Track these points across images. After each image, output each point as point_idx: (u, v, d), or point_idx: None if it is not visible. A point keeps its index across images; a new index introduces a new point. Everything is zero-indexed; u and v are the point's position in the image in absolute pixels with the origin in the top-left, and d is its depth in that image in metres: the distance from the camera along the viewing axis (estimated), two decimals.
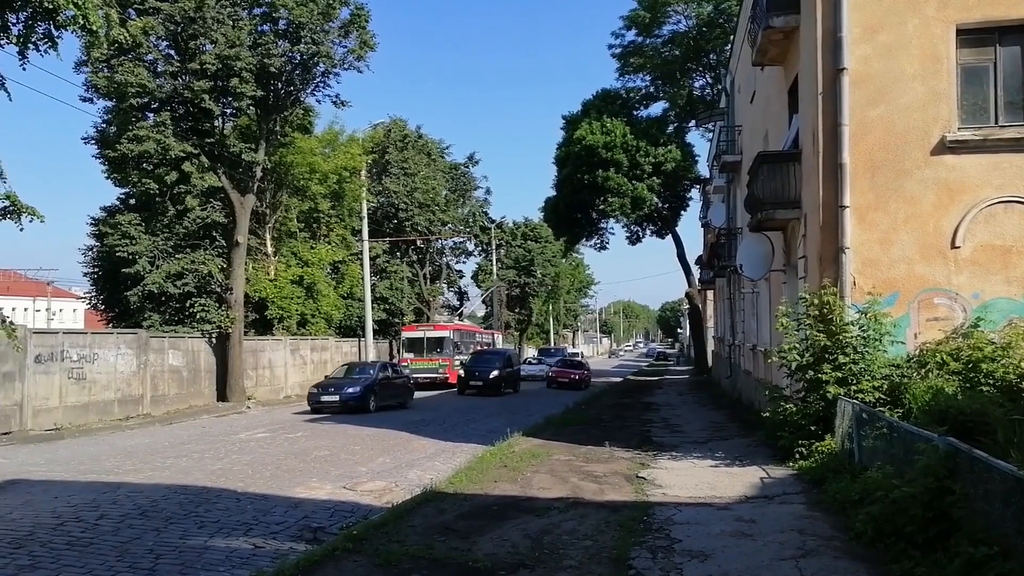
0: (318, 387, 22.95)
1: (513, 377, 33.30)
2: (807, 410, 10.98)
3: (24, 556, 7.23)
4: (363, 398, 22.23)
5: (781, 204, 13.31)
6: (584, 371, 36.75)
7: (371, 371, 24.11)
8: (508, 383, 32.13)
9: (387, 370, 25.14)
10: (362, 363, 26.40)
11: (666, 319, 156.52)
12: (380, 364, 25.23)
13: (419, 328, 37.71)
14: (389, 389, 24.08)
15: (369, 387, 22.78)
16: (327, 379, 24.13)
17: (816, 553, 6.77)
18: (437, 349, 35.74)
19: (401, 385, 25.32)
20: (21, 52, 15.82)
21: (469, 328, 45.43)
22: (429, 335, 36.30)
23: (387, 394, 23.73)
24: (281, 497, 10.20)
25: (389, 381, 24.43)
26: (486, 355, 34.09)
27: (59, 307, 72.13)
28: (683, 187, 41.88)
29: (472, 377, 30.69)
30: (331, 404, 21.93)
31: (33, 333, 18.76)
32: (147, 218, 28.15)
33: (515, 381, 33.66)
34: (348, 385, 22.63)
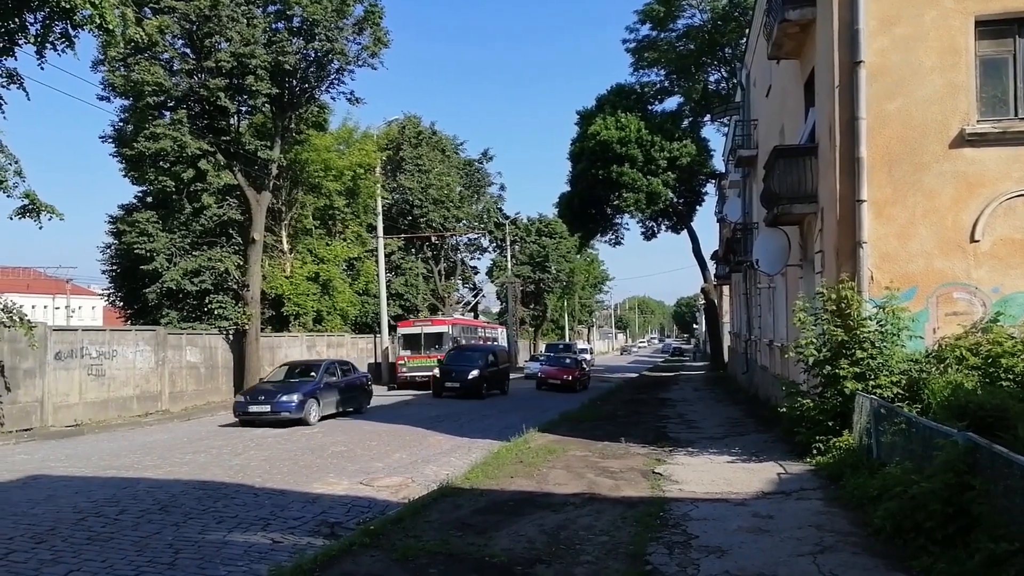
0: (246, 395, 18.66)
1: (499, 376, 29.38)
2: (824, 405, 10.92)
3: (46, 551, 7.32)
4: (302, 407, 17.99)
5: (798, 198, 13.21)
6: (579, 371, 32.65)
7: (315, 373, 19.79)
8: (493, 384, 28.33)
9: (336, 371, 20.72)
10: (306, 362, 22.08)
11: (681, 315, 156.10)
12: (327, 364, 20.74)
13: (416, 323, 35.24)
14: (338, 393, 20.04)
15: (310, 393, 18.51)
16: (261, 383, 20.09)
17: (834, 549, 6.73)
18: (435, 345, 33.18)
19: (353, 388, 21.15)
20: (39, 51, 16.01)
21: (471, 322, 42.07)
22: (426, 330, 33.82)
23: (335, 400, 19.79)
24: (298, 493, 10.27)
25: (339, 384, 20.29)
26: (467, 352, 29.67)
27: (78, 305, 72.90)
28: (698, 182, 41.70)
29: (448, 378, 26.94)
30: (261, 416, 17.79)
31: (53, 330, 18.96)
32: (164, 216, 28.39)
33: (502, 381, 29.77)
34: (283, 392, 18.22)
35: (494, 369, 28.79)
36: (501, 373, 29.83)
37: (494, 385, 28.54)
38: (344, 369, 21.55)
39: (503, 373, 30.18)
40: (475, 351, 29.85)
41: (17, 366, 17.26)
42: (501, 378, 29.72)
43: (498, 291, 66.34)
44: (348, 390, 20.71)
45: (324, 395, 19.15)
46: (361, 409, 21.28)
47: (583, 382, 32.41)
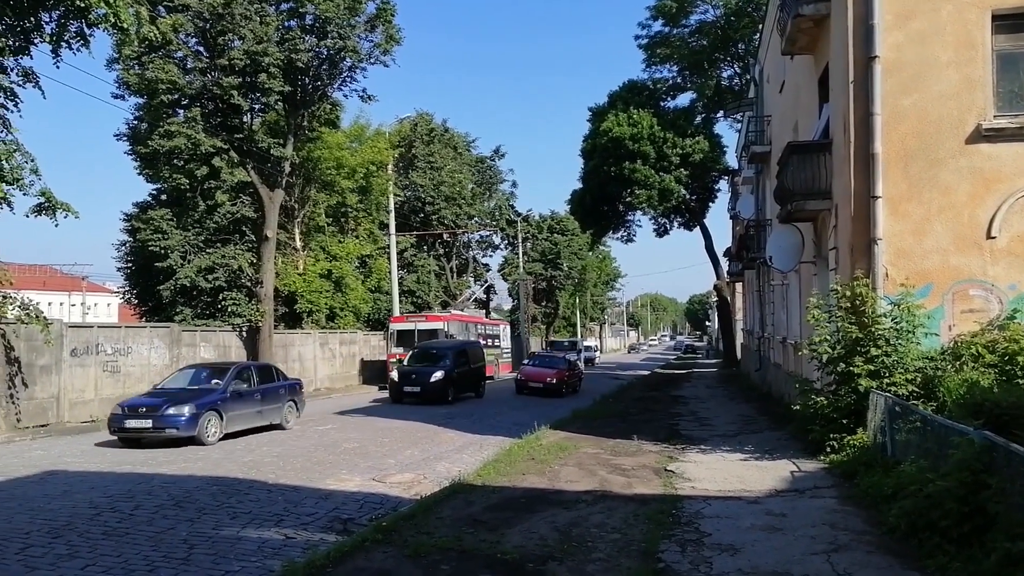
0: (125, 406, 14.61)
1: (472, 378, 25.98)
2: (838, 403, 10.86)
3: (62, 545, 7.38)
4: (194, 421, 14.12)
5: (812, 195, 13.14)
6: (566, 372, 28.26)
7: (221, 379, 15.89)
8: (462, 386, 24.84)
9: (250, 377, 16.52)
10: (213, 365, 18.18)
11: (694, 312, 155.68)
12: (238, 368, 16.64)
13: (409, 319, 32.89)
14: (254, 405, 16.12)
15: (209, 405, 14.65)
16: (154, 390, 16.01)
17: (848, 547, 6.70)
18: None
19: (274, 398, 16.92)
20: (54, 50, 16.13)
21: (470, 318, 39.04)
22: (420, 326, 31.61)
23: (249, 413, 15.91)
24: (311, 489, 10.32)
25: (253, 394, 16.22)
26: (432, 350, 25.67)
27: (93, 302, 73.51)
28: (711, 178, 41.51)
29: (407, 381, 23.39)
30: (142, 433, 14.23)
31: (68, 327, 19.10)
32: (178, 213, 28.57)
33: (476, 383, 26.42)
34: (171, 403, 14.35)
35: (464, 370, 25.21)
36: (474, 374, 26.34)
37: (465, 387, 25.25)
38: (263, 374, 17.28)
39: (477, 374, 26.65)
40: (443, 349, 25.70)
41: (34, 363, 17.42)
42: (475, 380, 26.33)
43: (510, 288, 66.38)
44: (267, 400, 16.56)
45: (231, 407, 15.21)
46: (284, 425, 16.98)
47: (571, 385, 28.50)
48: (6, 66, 16.40)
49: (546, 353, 35.64)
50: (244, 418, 15.80)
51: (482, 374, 27.47)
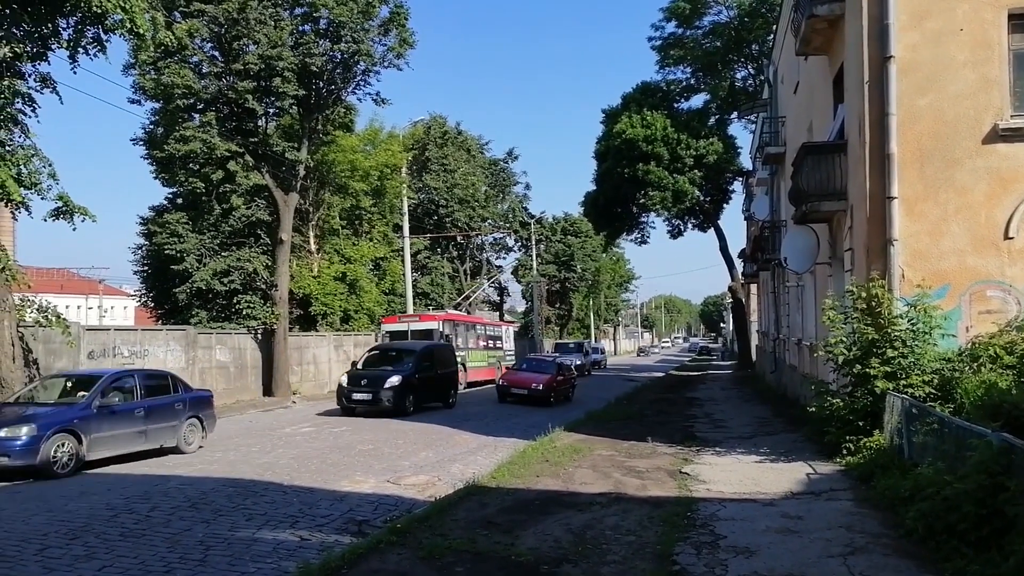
0: None
1: (437, 385, 22.23)
2: (854, 405, 10.79)
3: (80, 547, 7.45)
4: (35, 445, 11.05)
5: (827, 196, 13.07)
6: (555, 377, 24.69)
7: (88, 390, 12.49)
8: (426, 394, 21.32)
9: (134, 388, 13.28)
10: (81, 375, 14.56)
11: (708, 313, 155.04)
12: (112, 376, 13.14)
13: (402, 319, 31.21)
14: (134, 423, 12.81)
15: (62, 427, 11.51)
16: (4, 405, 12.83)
17: (865, 550, 6.66)
18: None
19: (165, 414, 13.48)
20: (71, 56, 16.32)
21: (469, 318, 36.88)
22: (414, 326, 29.89)
23: (126, 434, 12.68)
24: (326, 490, 10.35)
25: (134, 410, 12.89)
26: (392, 351, 23.13)
27: (110, 305, 74.10)
28: (725, 180, 41.36)
29: (356, 387, 19.89)
30: None
31: (86, 330, 19.30)
32: (194, 217, 28.76)
33: (443, 391, 22.61)
34: (10, 422, 11.35)
35: (429, 375, 21.63)
36: (442, 380, 22.59)
37: (429, 395, 21.55)
38: (153, 385, 13.83)
39: (445, 380, 22.89)
40: (404, 350, 22.67)
41: (51, 365, 17.59)
42: (441, 387, 22.56)
43: (523, 290, 66.41)
44: (156, 418, 13.27)
45: (96, 427, 12.02)
46: (183, 448, 13.65)
47: (562, 392, 25.14)
48: (24, 72, 16.60)
49: (537, 356, 32.05)
50: (118, 441, 12.50)
51: (452, 381, 23.54)
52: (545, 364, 26.65)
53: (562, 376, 25.64)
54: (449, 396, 22.94)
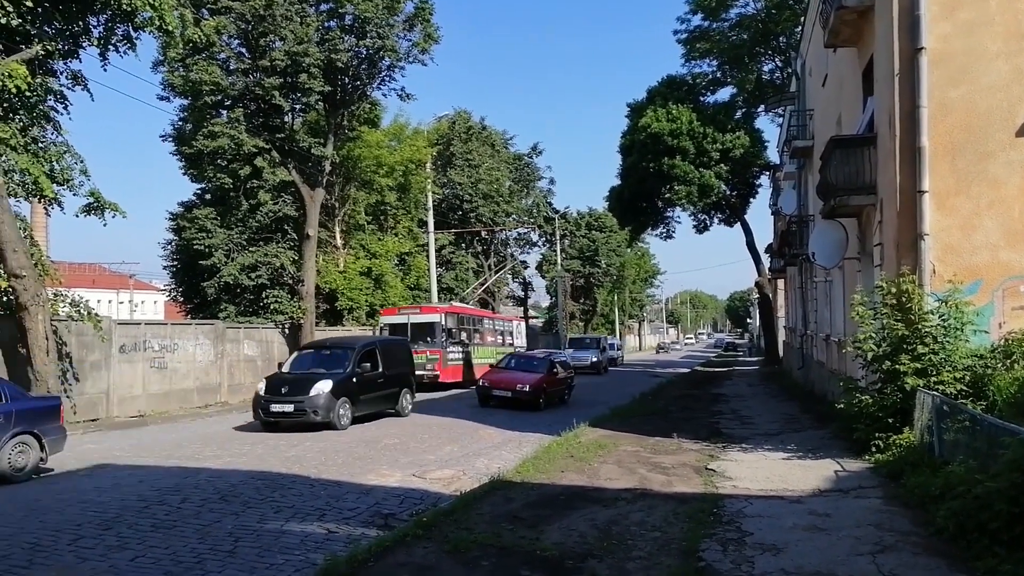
0: None
1: (384, 388, 18.22)
2: (884, 402, 10.67)
3: (113, 537, 7.58)
4: None
5: (856, 190, 12.90)
6: (546, 377, 21.61)
7: None
8: (369, 400, 17.48)
9: None
10: None
11: (735, 309, 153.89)
12: None
13: (402, 311, 28.96)
14: None
15: None
16: None
17: (894, 548, 6.58)
18: (425, 338, 27.33)
19: None
20: (102, 54, 16.58)
21: (474, 311, 34.26)
22: (414, 319, 27.78)
23: None
24: (353, 484, 10.44)
25: None
26: (326, 349, 18.62)
27: (141, 299, 75.18)
28: (752, 174, 40.94)
29: (276, 396, 15.89)
30: None
31: (117, 324, 19.58)
32: (222, 212, 29.09)
33: (392, 396, 18.62)
34: None
35: (371, 376, 17.68)
36: (391, 383, 18.56)
37: (375, 402, 17.79)
38: None
39: (396, 383, 18.78)
40: (341, 348, 18.28)
41: (84, 359, 17.89)
42: (392, 392, 18.62)
43: (548, 286, 66.36)
44: None
45: None
46: (10, 475, 10.44)
47: (556, 394, 22.41)
48: (56, 69, 16.89)
49: (526, 352, 28.74)
50: None
51: (404, 383, 19.22)
52: (535, 362, 23.20)
53: (555, 375, 22.51)
54: (400, 402, 18.79)
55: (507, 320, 39.14)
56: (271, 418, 15.97)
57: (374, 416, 17.93)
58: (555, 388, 22.27)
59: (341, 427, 15.97)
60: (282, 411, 15.82)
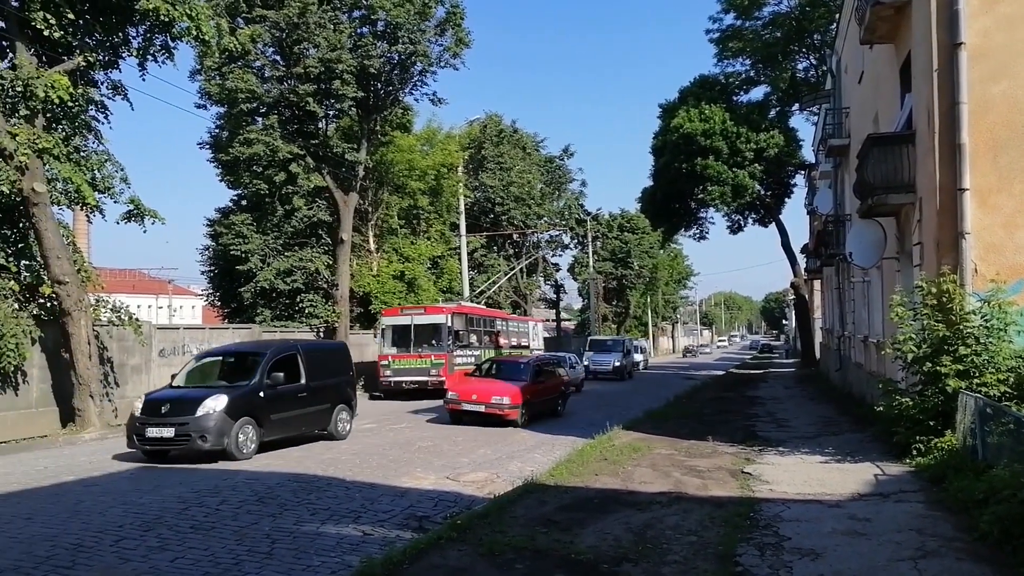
0: None
1: (311, 404, 14.45)
2: (924, 404, 10.45)
3: (153, 538, 7.72)
4: None
5: (894, 188, 12.67)
6: (530, 385, 18.01)
7: None
8: (283, 422, 13.77)
9: None
10: None
11: (770, 310, 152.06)
12: None
13: (405, 311, 26.52)
14: None
15: None
16: None
17: (937, 554, 6.44)
18: (430, 341, 25.08)
19: None
20: (141, 63, 16.93)
21: (484, 312, 31.34)
22: (418, 320, 25.52)
23: None
24: (387, 486, 10.51)
25: None
26: (231, 356, 15.10)
27: (179, 304, 76.48)
28: (787, 173, 40.53)
29: (154, 418, 12.55)
30: None
31: (157, 329, 19.95)
32: (258, 218, 29.53)
33: (322, 415, 14.85)
34: None
35: (291, 392, 13.95)
36: (321, 397, 14.72)
37: (295, 423, 14.11)
38: None
39: (328, 397, 14.95)
40: (247, 357, 14.42)
41: (125, 362, 18.26)
42: (320, 410, 14.79)
43: (580, 288, 66.18)
44: None
45: None
46: None
47: (545, 406, 18.83)
48: (97, 80, 17.29)
49: (508, 358, 23.48)
50: None
51: (342, 397, 15.40)
52: (517, 368, 19.29)
53: (542, 383, 18.89)
54: (333, 422, 14.92)
55: (522, 321, 36.79)
56: (148, 445, 12.52)
57: (292, 442, 14.10)
58: (542, 398, 18.64)
59: (242, 456, 12.48)
60: (160, 436, 12.36)
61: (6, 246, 16.20)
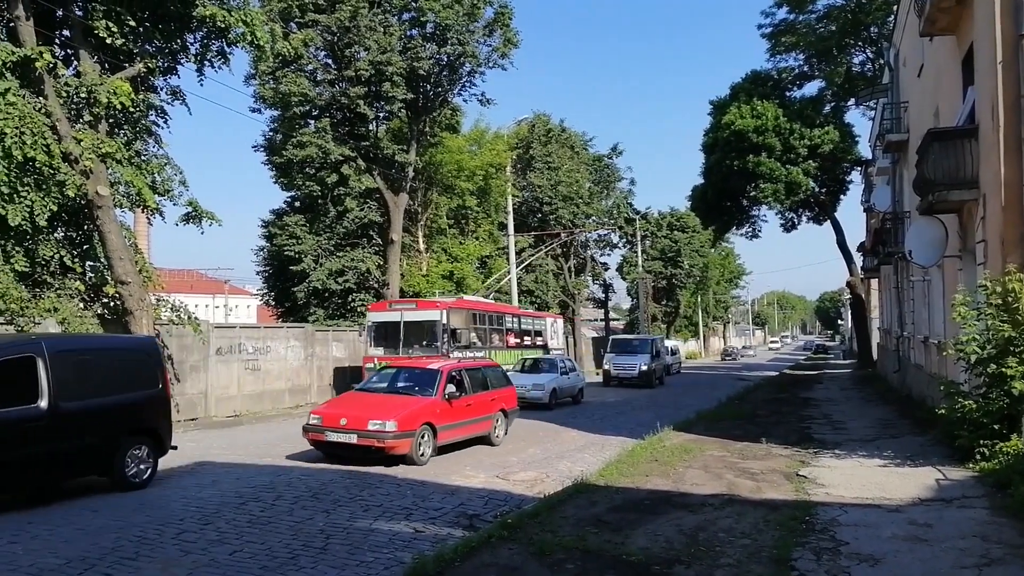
0: None
1: (45, 438, 9.02)
2: (989, 407, 10.11)
3: (212, 531, 7.92)
4: None
5: (955, 184, 12.30)
6: (435, 404, 12.87)
7: None
8: (84, 455, 9.61)
9: None
10: None
11: (825, 310, 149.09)
12: None
13: (394, 306, 23.22)
14: None
15: None
16: None
17: (1002, 562, 6.23)
18: (422, 341, 21.83)
19: None
20: (198, 69, 17.38)
21: (489, 307, 27.45)
22: (408, 317, 22.15)
23: None
24: (438, 484, 10.60)
25: None
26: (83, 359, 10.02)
27: (235, 303, 78.31)
28: (842, 170, 39.61)
29: None
30: None
31: (214, 328, 20.44)
32: (311, 219, 30.04)
33: (94, 453, 9.80)
34: None
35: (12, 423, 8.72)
36: (80, 428, 9.57)
37: (32, 467, 9.02)
38: None
39: (92, 428, 9.77)
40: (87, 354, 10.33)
41: (184, 360, 18.74)
42: (92, 443, 9.79)
43: (629, 287, 65.69)
44: None
45: None
46: None
47: (473, 429, 13.96)
48: (156, 86, 17.80)
49: (414, 363, 15.89)
50: None
51: (131, 426, 10.48)
52: (423, 377, 13.70)
53: (465, 401, 13.57)
54: (117, 467, 10.02)
55: (538, 317, 32.33)
56: None
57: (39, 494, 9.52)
58: (464, 421, 13.52)
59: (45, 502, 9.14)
60: None
61: (72, 248, 16.77)
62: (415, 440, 12.05)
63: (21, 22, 14.36)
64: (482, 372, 15.23)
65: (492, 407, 14.57)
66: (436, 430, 12.61)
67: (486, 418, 14.34)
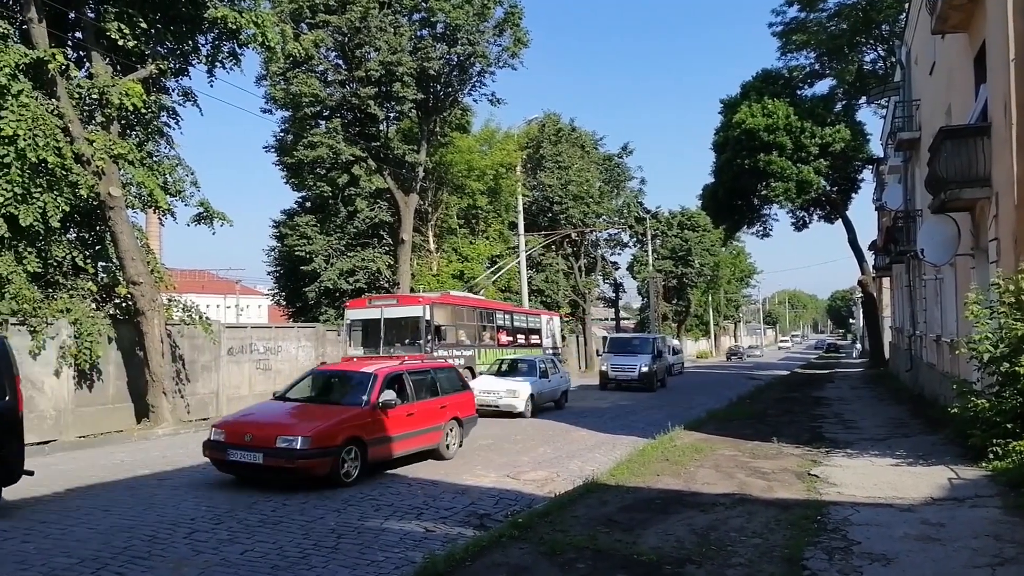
0: None
1: None
2: (1002, 406, 10.03)
3: (224, 531, 7.95)
4: None
5: (968, 182, 12.23)
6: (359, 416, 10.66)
7: None
8: None
9: None
10: None
11: (836, 309, 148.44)
12: None
13: (373, 302, 21.69)
14: None
15: None
16: None
17: (1016, 561, 6.19)
18: (405, 339, 20.71)
19: None
20: (210, 70, 17.48)
21: (479, 303, 26.13)
22: (388, 314, 20.86)
23: None
24: (448, 483, 10.61)
25: None
26: None
27: (246, 304, 78.65)
28: (853, 168, 39.43)
29: None
30: None
31: (225, 328, 20.53)
32: (322, 219, 30.16)
33: None
34: None
35: None
36: None
37: None
38: None
39: None
40: None
41: (196, 360, 18.84)
42: None
43: (639, 286, 65.60)
44: None
45: None
46: None
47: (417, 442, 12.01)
48: (168, 87, 17.90)
49: (344, 367, 14.45)
50: None
51: None
52: (351, 382, 11.96)
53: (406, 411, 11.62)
54: None
55: (532, 314, 30.52)
56: None
57: None
58: (404, 434, 11.53)
59: None
60: None
61: (84, 248, 16.88)
62: (338, 459, 10.04)
63: (34, 24, 14.47)
64: (431, 375, 13.07)
65: (442, 416, 12.56)
66: (366, 445, 10.53)
67: (433, 429, 12.27)
